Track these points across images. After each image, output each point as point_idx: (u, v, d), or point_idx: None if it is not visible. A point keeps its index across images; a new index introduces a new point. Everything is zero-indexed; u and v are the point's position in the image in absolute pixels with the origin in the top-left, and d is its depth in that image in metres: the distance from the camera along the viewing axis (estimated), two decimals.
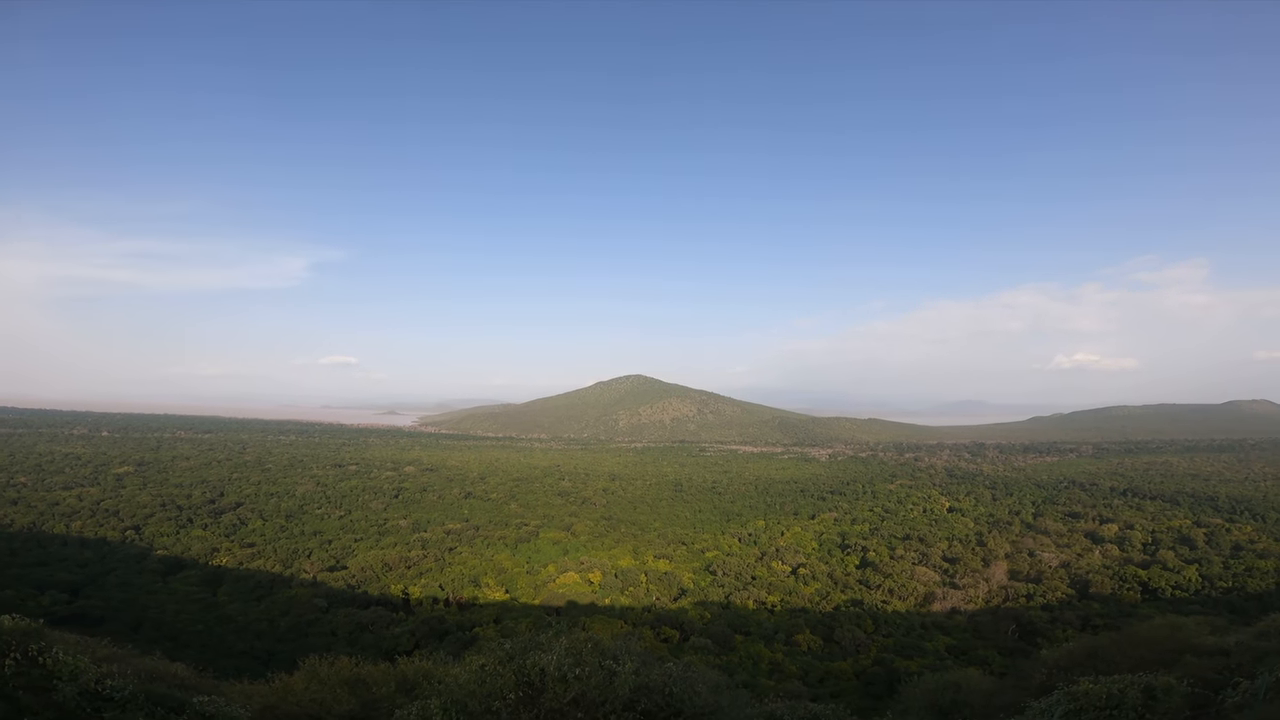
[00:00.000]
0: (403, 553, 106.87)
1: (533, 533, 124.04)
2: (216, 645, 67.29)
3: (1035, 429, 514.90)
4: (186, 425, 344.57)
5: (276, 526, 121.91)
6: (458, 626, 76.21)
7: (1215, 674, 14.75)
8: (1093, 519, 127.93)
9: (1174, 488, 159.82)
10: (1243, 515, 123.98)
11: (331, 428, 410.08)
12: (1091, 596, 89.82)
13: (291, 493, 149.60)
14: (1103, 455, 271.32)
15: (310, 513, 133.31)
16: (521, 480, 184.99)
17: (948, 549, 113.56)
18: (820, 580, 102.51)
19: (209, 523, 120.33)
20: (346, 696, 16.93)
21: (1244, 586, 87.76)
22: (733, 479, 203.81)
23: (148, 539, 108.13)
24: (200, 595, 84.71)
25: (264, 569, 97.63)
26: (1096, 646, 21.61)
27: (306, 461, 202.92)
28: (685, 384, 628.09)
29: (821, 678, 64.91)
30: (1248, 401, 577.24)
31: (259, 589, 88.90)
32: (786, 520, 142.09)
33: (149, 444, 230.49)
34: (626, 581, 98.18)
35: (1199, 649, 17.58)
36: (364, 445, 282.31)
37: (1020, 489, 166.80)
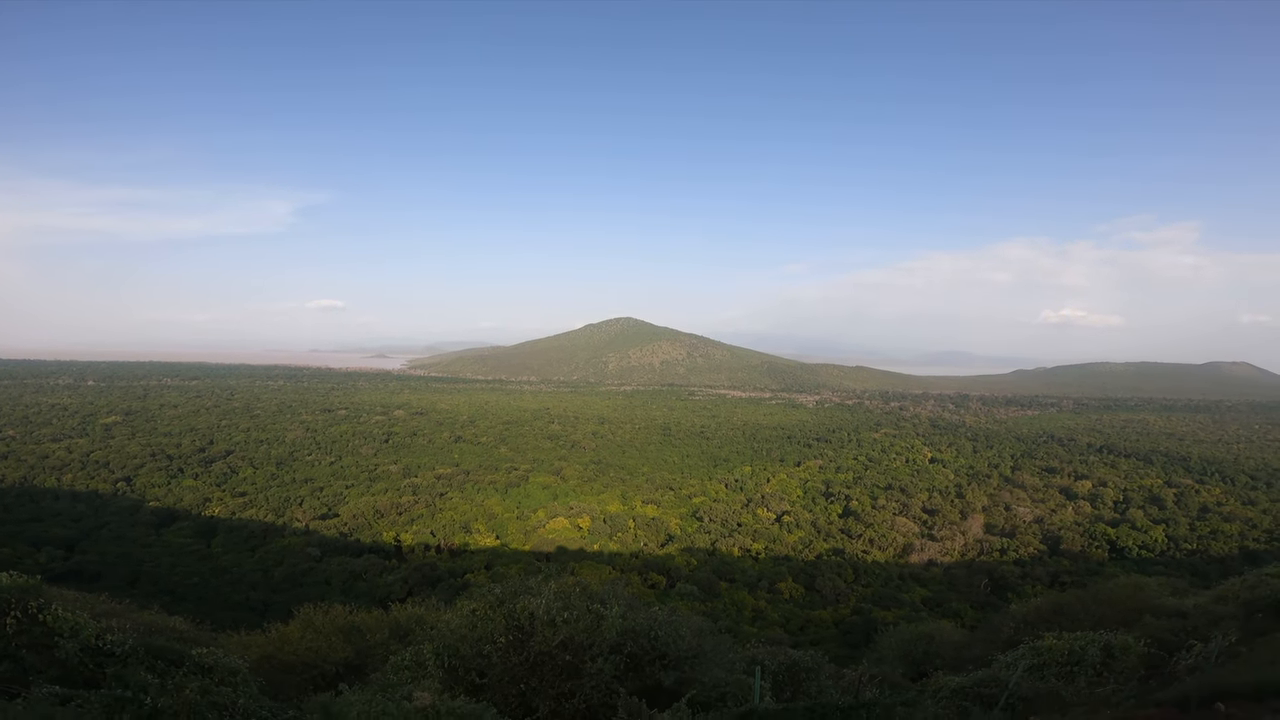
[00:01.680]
0: (394, 499, 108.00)
1: (522, 477, 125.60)
2: (213, 598, 68.24)
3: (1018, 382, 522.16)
4: (172, 373, 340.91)
5: (267, 474, 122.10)
6: (449, 573, 77.85)
7: (1171, 635, 15.47)
8: (1068, 475, 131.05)
9: (1149, 446, 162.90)
10: (1213, 477, 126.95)
11: (320, 372, 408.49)
12: (1062, 553, 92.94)
13: (281, 439, 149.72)
14: (1082, 411, 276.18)
15: (301, 459, 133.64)
16: (511, 423, 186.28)
17: (928, 500, 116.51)
18: (804, 528, 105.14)
19: (200, 472, 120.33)
20: (342, 644, 17.39)
21: (1208, 549, 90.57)
22: (721, 424, 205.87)
23: (139, 490, 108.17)
24: (194, 547, 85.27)
25: (256, 518, 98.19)
26: (1062, 603, 22.57)
27: (295, 407, 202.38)
28: (675, 327, 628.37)
29: (802, 625, 67.29)
30: (1228, 363, 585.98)
31: (252, 539, 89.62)
32: (773, 467, 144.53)
33: (135, 393, 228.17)
34: (615, 527, 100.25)
35: (1158, 610, 18.41)
36: (353, 389, 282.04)
37: (1000, 442, 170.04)
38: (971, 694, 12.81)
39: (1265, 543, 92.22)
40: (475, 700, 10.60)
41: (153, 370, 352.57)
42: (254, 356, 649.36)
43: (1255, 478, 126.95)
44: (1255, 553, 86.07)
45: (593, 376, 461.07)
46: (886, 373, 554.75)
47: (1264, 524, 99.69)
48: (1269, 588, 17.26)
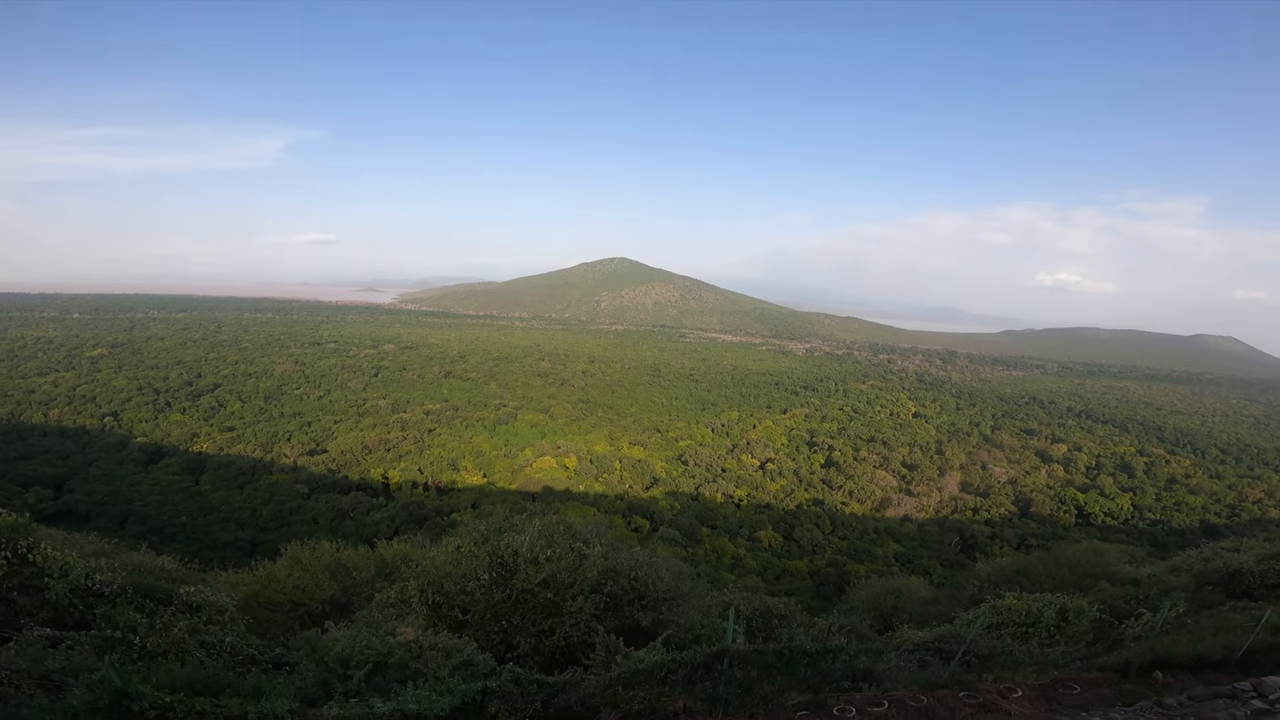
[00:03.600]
0: (382, 434, 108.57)
1: (511, 414, 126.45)
2: (201, 538, 68.90)
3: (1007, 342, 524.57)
4: (159, 305, 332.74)
5: (256, 408, 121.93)
6: (436, 512, 79.10)
7: (1123, 603, 16.15)
8: (1045, 437, 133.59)
9: (1126, 414, 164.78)
10: (1184, 448, 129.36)
11: (309, 305, 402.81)
12: (1031, 516, 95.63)
13: (269, 372, 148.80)
14: (1066, 375, 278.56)
15: (289, 393, 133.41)
16: (501, 360, 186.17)
17: (908, 455, 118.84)
18: (786, 477, 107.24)
19: (187, 406, 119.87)
20: (328, 582, 17.75)
21: (1170, 521, 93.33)
22: (710, 367, 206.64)
23: (126, 425, 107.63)
24: (183, 484, 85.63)
25: (245, 454, 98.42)
26: (1025, 564, 23.43)
27: (284, 340, 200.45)
28: (669, 269, 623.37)
29: (779, 575, 69.42)
30: (1214, 337, 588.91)
31: (240, 476, 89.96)
32: (759, 413, 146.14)
33: (122, 325, 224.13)
34: (601, 468, 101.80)
35: (1114, 577, 19.16)
36: (342, 323, 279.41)
37: (983, 400, 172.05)
38: (932, 648, 13.34)
39: (1226, 517, 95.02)
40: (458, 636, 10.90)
41: (139, 303, 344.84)
42: (243, 289, 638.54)
43: (1226, 451, 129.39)
44: (1215, 527, 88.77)
45: (585, 315, 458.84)
46: (878, 325, 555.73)
47: (1227, 499, 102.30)
48: (1221, 561, 17.97)
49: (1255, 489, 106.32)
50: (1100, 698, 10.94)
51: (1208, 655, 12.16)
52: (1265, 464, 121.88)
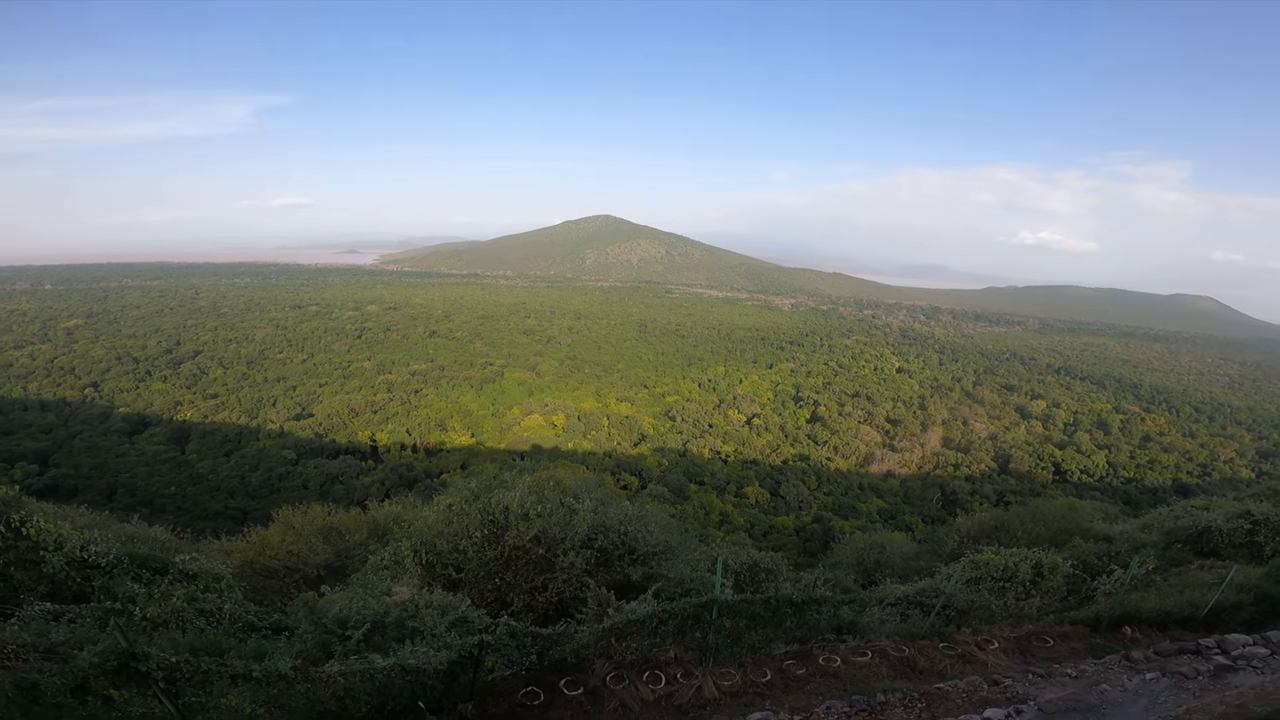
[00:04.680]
0: (368, 396, 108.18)
1: (498, 373, 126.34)
2: (191, 507, 68.81)
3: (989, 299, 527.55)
4: (133, 273, 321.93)
5: (238, 374, 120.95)
6: (426, 473, 79.50)
7: (1096, 559, 16.77)
8: (1025, 393, 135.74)
9: (1103, 371, 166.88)
10: (1159, 406, 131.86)
11: (288, 268, 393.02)
12: (1010, 472, 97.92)
13: (251, 337, 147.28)
14: (1047, 331, 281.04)
15: (272, 358, 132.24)
16: (487, 318, 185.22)
17: (891, 410, 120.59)
18: (772, 432, 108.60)
19: (168, 374, 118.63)
20: (321, 546, 17.86)
21: (1143, 479, 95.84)
22: (696, 322, 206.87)
23: (108, 396, 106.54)
24: (169, 454, 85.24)
25: (229, 421, 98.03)
26: (1002, 520, 24.13)
27: (264, 304, 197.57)
28: (655, 226, 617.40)
29: (766, 531, 70.93)
30: (1192, 296, 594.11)
31: (226, 443, 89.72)
32: (745, 368, 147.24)
33: (96, 295, 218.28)
34: (589, 425, 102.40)
35: (1088, 533, 19.83)
36: (323, 285, 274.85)
37: (965, 356, 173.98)
38: (914, 601, 13.76)
39: (1198, 476, 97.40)
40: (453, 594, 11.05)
41: (112, 272, 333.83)
42: (217, 255, 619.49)
43: (1200, 410, 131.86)
44: (1186, 485, 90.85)
45: (570, 272, 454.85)
46: (863, 280, 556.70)
47: (1200, 458, 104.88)
48: (1191, 519, 18.56)
49: (1227, 448, 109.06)
50: (1072, 651, 11.45)
51: (1174, 612, 12.71)
52: (1238, 423, 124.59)
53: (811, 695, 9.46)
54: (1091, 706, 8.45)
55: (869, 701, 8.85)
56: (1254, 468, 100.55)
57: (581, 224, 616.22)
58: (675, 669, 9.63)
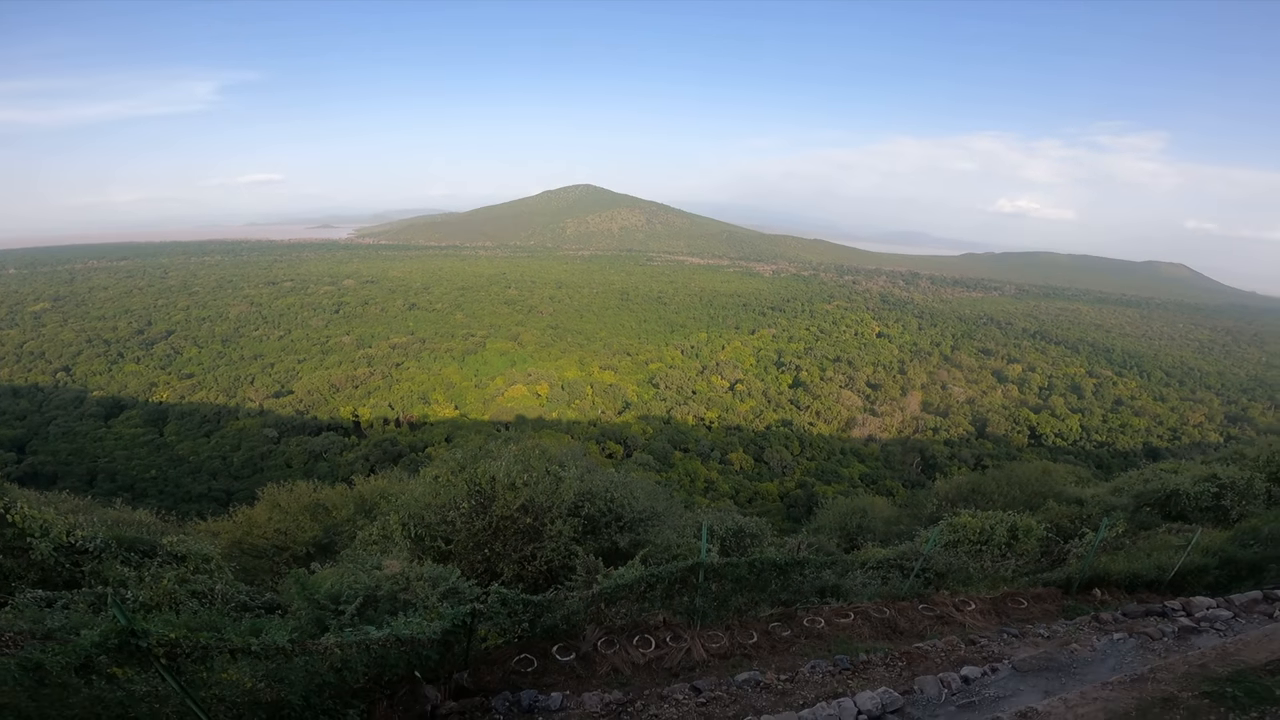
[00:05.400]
0: (349, 371, 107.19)
1: (479, 344, 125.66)
2: (174, 490, 68.06)
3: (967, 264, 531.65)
4: (99, 254, 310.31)
5: (214, 353, 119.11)
6: (410, 447, 79.29)
7: (1069, 522, 17.27)
8: (1002, 357, 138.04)
9: (1078, 335, 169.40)
10: (1131, 370, 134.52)
11: (260, 245, 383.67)
12: (987, 436, 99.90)
13: (224, 315, 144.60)
14: (1023, 297, 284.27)
15: (247, 335, 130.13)
16: (467, 289, 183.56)
17: (872, 374, 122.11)
18: (755, 398, 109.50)
19: (141, 355, 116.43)
20: (309, 523, 17.86)
21: (1114, 443, 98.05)
22: (678, 290, 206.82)
23: (80, 380, 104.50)
24: (147, 437, 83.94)
25: (207, 401, 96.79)
26: (980, 483, 24.70)
27: (237, 281, 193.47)
28: (635, 195, 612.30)
29: (750, 497, 71.97)
30: (1166, 264, 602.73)
31: (205, 423, 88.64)
32: (728, 334, 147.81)
33: (61, 277, 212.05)
34: (573, 394, 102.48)
35: (1061, 496, 20.35)
36: (298, 261, 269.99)
37: (944, 321, 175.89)
38: (894, 564, 14.15)
39: (1167, 440, 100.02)
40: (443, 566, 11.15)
41: (77, 254, 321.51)
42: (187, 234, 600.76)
43: (1170, 374, 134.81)
44: (1156, 449, 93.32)
45: (550, 242, 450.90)
46: (844, 247, 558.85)
47: (1170, 422, 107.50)
48: (1159, 483, 19.12)
49: (1196, 412, 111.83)
50: (1045, 612, 11.90)
51: (1142, 574, 13.20)
52: (1207, 387, 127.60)
53: (797, 656, 9.77)
54: (1062, 665, 8.82)
55: (852, 661, 9.16)
56: (1222, 432, 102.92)
57: (561, 194, 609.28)
58: (664, 633, 9.87)
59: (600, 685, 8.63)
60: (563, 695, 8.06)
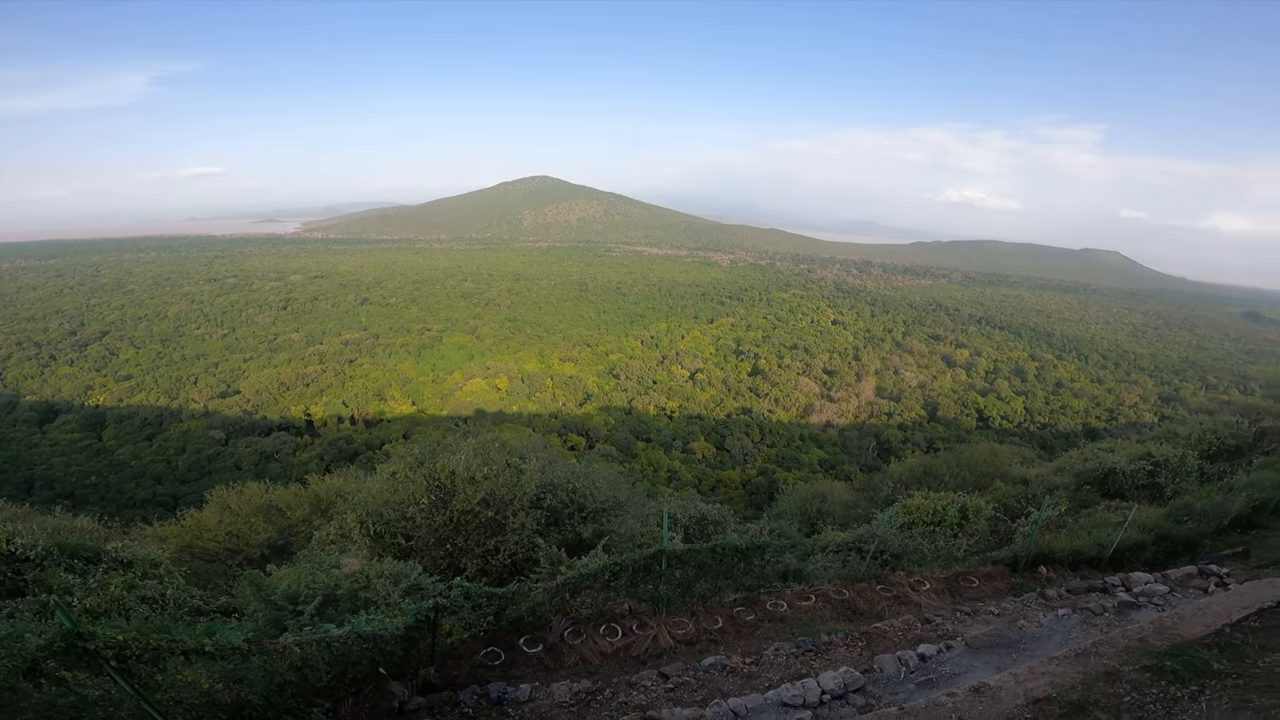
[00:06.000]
0: (299, 369, 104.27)
1: (436, 338, 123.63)
2: (116, 496, 65.53)
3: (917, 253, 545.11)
4: (24, 253, 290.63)
5: (153, 354, 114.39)
6: (367, 445, 77.70)
7: (1015, 501, 18.06)
8: (950, 343, 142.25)
9: (1020, 321, 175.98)
10: (1070, 354, 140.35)
11: (200, 240, 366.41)
12: (938, 419, 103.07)
13: (163, 314, 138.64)
14: (969, 284, 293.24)
15: (188, 334, 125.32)
16: (421, 283, 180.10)
17: (828, 361, 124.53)
18: (715, 386, 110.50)
19: (75, 357, 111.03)
20: (262, 525, 17.30)
21: (1056, 424, 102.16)
22: (637, 280, 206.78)
23: (11, 384, 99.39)
24: (85, 442, 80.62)
25: (148, 403, 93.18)
26: (931, 465, 25.56)
27: (175, 279, 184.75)
28: (594, 185, 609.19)
29: (714, 485, 72.73)
30: (1101, 251, 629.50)
31: (147, 426, 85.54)
32: (687, 324, 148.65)
33: None
34: (533, 386, 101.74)
35: (1008, 476, 21.27)
36: (241, 256, 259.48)
37: (895, 308, 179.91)
38: (853, 547, 14.56)
39: (1105, 420, 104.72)
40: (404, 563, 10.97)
41: (2, 253, 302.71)
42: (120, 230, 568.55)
43: (1106, 357, 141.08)
44: (1095, 429, 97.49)
45: (507, 234, 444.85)
46: (799, 236, 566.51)
47: (1107, 403, 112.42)
48: (1098, 462, 20.16)
49: (1132, 393, 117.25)
50: (995, 590, 12.41)
51: (1084, 551, 13.86)
52: (1141, 369, 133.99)
53: (761, 639, 9.97)
54: (1012, 641, 9.20)
55: (814, 642, 9.39)
56: (1156, 412, 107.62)
57: (518, 185, 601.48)
58: (631, 621, 9.95)
59: (569, 675, 8.67)
60: (531, 686, 8.06)
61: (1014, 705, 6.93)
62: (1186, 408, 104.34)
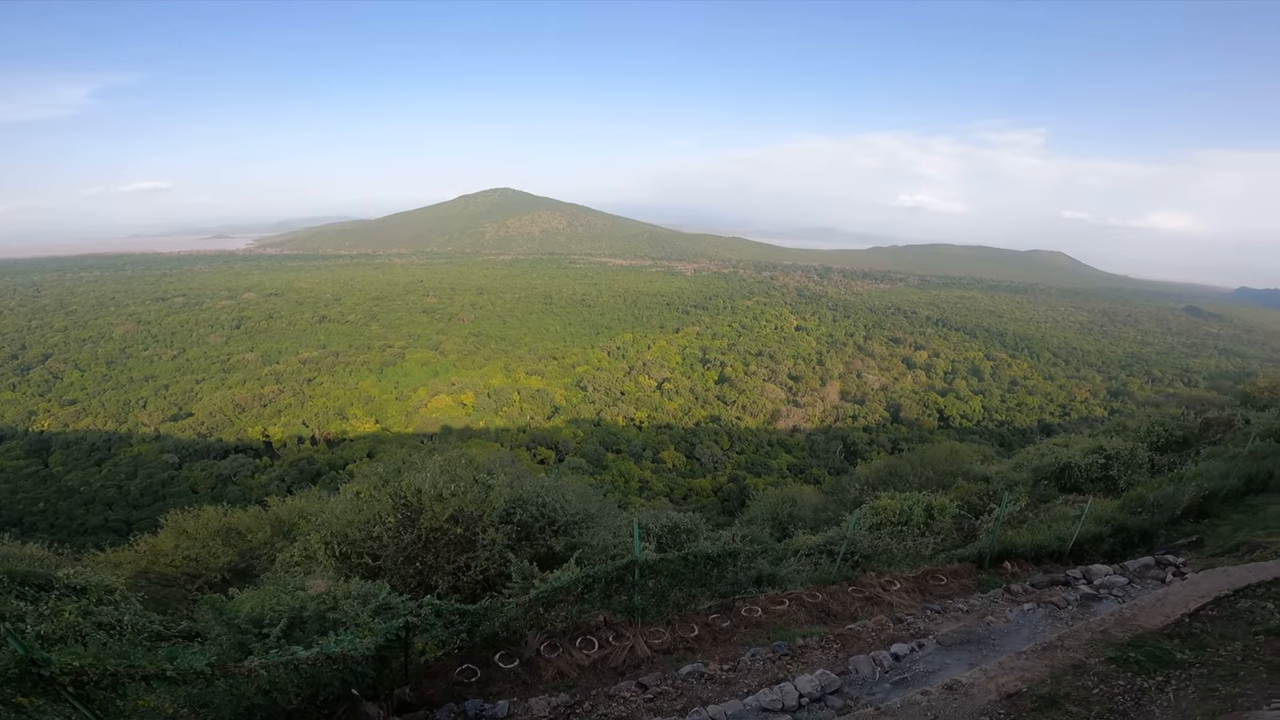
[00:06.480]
0: (255, 390, 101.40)
1: (398, 354, 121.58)
2: (66, 523, 62.93)
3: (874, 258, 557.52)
4: None
5: (99, 376, 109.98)
6: (330, 465, 75.89)
7: (977, 499, 18.53)
8: (910, 345, 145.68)
9: (974, 321, 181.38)
10: (1023, 352, 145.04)
11: (145, 258, 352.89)
12: (901, 420, 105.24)
13: (108, 335, 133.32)
14: (925, 287, 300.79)
15: (136, 356, 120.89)
16: (381, 299, 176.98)
17: (793, 367, 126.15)
18: (683, 395, 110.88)
19: (16, 382, 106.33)
20: (222, 548, 16.78)
21: (1013, 421, 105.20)
22: (602, 291, 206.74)
23: None
24: (30, 469, 77.42)
25: (95, 428, 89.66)
26: (896, 466, 26.14)
27: (120, 298, 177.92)
28: (555, 197, 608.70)
29: (685, 494, 72.81)
30: (1046, 252, 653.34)
31: (95, 451, 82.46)
32: (653, 334, 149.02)
33: None
34: (500, 401, 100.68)
35: (969, 474, 21.84)
36: (190, 274, 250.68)
37: (856, 312, 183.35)
38: (824, 549, 14.73)
39: (1059, 416, 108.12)
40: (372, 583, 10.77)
41: None
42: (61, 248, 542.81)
43: (1057, 354, 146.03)
44: (1050, 425, 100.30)
45: (469, 247, 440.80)
46: (760, 244, 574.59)
47: (1059, 399, 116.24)
48: (1054, 457, 20.84)
49: (1082, 389, 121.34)
50: (962, 587, 12.67)
51: (1046, 545, 14.25)
52: (1090, 365, 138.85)
53: (737, 645, 10.01)
54: (981, 638, 9.39)
55: (790, 646, 9.47)
56: (1106, 406, 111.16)
57: (479, 198, 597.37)
58: (606, 632, 9.90)
59: (546, 689, 8.59)
60: (509, 702, 7.99)
61: (987, 701, 7.07)
62: (1134, 401, 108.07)
